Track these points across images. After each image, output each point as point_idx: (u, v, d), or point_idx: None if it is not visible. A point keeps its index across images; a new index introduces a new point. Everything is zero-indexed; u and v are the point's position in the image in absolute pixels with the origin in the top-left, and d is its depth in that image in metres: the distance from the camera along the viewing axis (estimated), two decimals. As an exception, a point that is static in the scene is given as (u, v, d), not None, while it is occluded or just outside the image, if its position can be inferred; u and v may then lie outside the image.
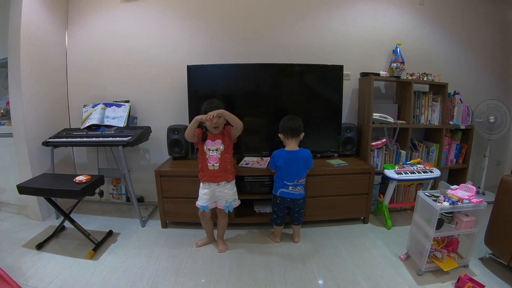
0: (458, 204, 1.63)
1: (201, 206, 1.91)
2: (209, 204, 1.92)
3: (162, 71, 2.68)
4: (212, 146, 1.86)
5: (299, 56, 2.65)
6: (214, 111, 1.74)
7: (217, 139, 1.87)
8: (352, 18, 2.70)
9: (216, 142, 1.86)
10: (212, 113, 1.73)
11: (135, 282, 1.67)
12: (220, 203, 1.94)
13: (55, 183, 2.02)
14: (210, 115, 1.73)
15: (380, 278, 1.71)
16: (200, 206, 1.92)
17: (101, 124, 2.50)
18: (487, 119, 2.68)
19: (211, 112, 1.74)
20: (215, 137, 1.87)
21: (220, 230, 2.05)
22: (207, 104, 1.85)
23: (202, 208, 1.91)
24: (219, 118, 1.81)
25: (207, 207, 1.91)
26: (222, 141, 1.87)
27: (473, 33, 2.88)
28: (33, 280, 1.66)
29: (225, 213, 1.98)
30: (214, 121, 1.79)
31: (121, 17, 2.63)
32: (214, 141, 1.86)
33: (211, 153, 1.86)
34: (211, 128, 1.83)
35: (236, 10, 2.62)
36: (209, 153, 1.86)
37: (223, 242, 2.06)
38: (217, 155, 1.86)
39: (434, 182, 2.59)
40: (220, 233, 2.06)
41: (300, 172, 1.97)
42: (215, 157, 1.86)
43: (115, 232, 2.23)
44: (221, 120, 1.83)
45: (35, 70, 2.36)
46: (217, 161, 1.86)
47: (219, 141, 1.86)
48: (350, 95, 2.77)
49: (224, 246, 2.02)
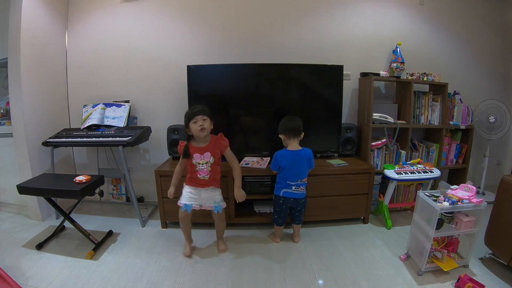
0: (458, 204, 1.63)
1: (184, 205, 1.82)
2: (193, 205, 1.84)
3: (162, 71, 2.68)
4: (201, 160, 1.77)
5: (299, 56, 2.65)
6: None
7: (206, 152, 1.77)
8: (352, 18, 2.70)
9: (205, 155, 1.77)
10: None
11: (135, 282, 1.67)
12: (209, 203, 1.86)
13: (55, 183, 2.02)
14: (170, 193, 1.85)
15: (380, 278, 1.71)
16: (182, 205, 1.83)
17: (101, 124, 2.50)
18: (487, 119, 2.68)
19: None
20: (203, 150, 1.78)
21: (219, 232, 2.03)
22: (190, 110, 1.77)
23: (184, 207, 1.81)
24: (205, 121, 1.74)
25: (190, 207, 1.82)
26: (212, 153, 1.79)
27: (473, 33, 2.88)
28: (33, 280, 1.66)
29: (223, 216, 1.93)
30: (200, 123, 1.71)
31: (121, 17, 2.63)
32: (203, 154, 1.77)
33: (200, 167, 1.78)
34: (197, 132, 1.73)
35: (237, 10, 2.62)
36: (198, 166, 1.78)
37: (224, 241, 2.05)
38: (207, 168, 1.79)
39: (434, 182, 2.59)
40: (220, 234, 2.04)
41: (303, 171, 1.97)
42: (206, 170, 1.79)
43: (115, 232, 2.23)
44: (207, 123, 1.74)
45: (35, 70, 2.36)
46: (207, 173, 1.80)
47: (208, 154, 1.77)
48: (350, 95, 2.77)
49: (224, 246, 2.01)
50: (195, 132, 1.75)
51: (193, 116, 1.73)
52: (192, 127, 1.74)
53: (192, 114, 1.73)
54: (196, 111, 1.74)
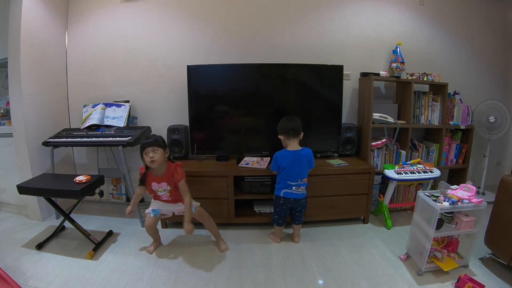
0: (458, 204, 1.63)
1: (152, 210, 1.84)
2: (161, 210, 1.86)
3: (162, 71, 2.68)
4: (159, 188, 1.78)
5: (299, 56, 2.65)
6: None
7: (163, 182, 1.77)
8: (352, 18, 2.70)
9: (161, 184, 1.77)
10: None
11: (135, 282, 1.67)
12: (180, 208, 1.86)
13: (55, 183, 2.02)
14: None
15: (380, 278, 1.71)
16: (151, 211, 1.85)
17: (101, 124, 2.50)
18: (487, 119, 2.68)
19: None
20: (159, 180, 1.77)
21: (212, 231, 2.03)
22: (143, 140, 1.74)
23: (153, 212, 1.83)
24: (155, 152, 1.70)
25: (158, 212, 1.85)
26: (168, 183, 1.77)
27: (473, 33, 2.88)
28: (33, 280, 1.66)
29: (203, 212, 1.94)
30: (150, 155, 1.69)
31: (121, 17, 2.63)
32: (160, 184, 1.77)
33: (160, 193, 1.80)
34: (148, 163, 1.72)
35: (237, 10, 2.62)
36: (158, 192, 1.81)
37: (223, 240, 2.04)
38: (166, 193, 1.80)
39: (434, 182, 2.59)
40: (214, 232, 2.03)
41: (303, 171, 1.97)
42: (165, 195, 1.81)
43: (115, 232, 2.23)
44: (157, 154, 1.70)
45: (35, 70, 2.36)
46: (168, 198, 1.82)
47: (164, 184, 1.77)
48: (350, 95, 2.77)
49: (225, 245, 2.01)
50: (146, 163, 1.74)
51: (143, 148, 1.71)
52: (144, 159, 1.72)
53: (142, 145, 1.71)
54: (146, 142, 1.71)
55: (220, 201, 2.23)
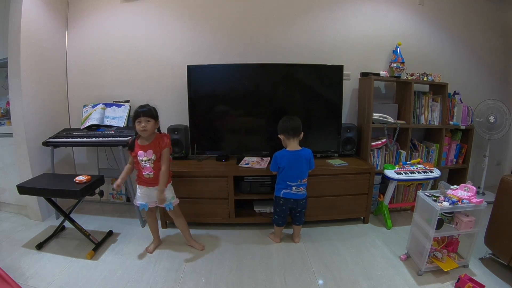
0: (458, 204, 1.63)
1: (140, 205, 1.89)
2: (148, 203, 1.88)
3: (162, 71, 2.68)
4: (144, 157, 1.79)
5: (299, 56, 2.65)
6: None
7: (149, 150, 1.79)
8: (352, 18, 2.70)
9: (148, 152, 1.79)
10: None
11: (135, 282, 1.67)
12: (160, 203, 1.88)
13: (55, 183, 2.02)
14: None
15: (380, 278, 1.71)
16: (139, 204, 1.89)
17: (101, 124, 2.50)
18: (487, 119, 2.68)
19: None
20: (146, 148, 1.80)
21: (183, 231, 2.03)
22: (137, 108, 1.78)
23: (141, 206, 1.89)
24: (148, 122, 1.75)
25: (146, 206, 1.88)
26: (154, 151, 1.80)
27: (473, 33, 2.88)
28: (33, 280, 1.66)
29: (178, 212, 1.96)
30: (143, 124, 1.74)
31: (121, 17, 2.63)
32: (146, 152, 1.79)
33: (144, 163, 1.81)
34: (139, 132, 1.77)
35: (237, 10, 2.62)
36: (142, 163, 1.81)
37: (194, 240, 2.05)
38: (150, 165, 1.81)
39: (434, 182, 2.59)
40: (185, 233, 2.03)
41: (303, 172, 1.97)
42: (149, 167, 1.81)
43: (115, 232, 2.23)
44: (149, 125, 1.76)
45: (35, 70, 2.36)
46: (151, 170, 1.81)
47: (150, 151, 1.79)
48: (350, 95, 2.77)
49: (199, 244, 2.02)
50: (137, 131, 1.79)
51: (136, 117, 1.75)
52: (135, 126, 1.77)
53: (136, 114, 1.76)
54: (141, 111, 1.75)
55: (220, 201, 2.23)
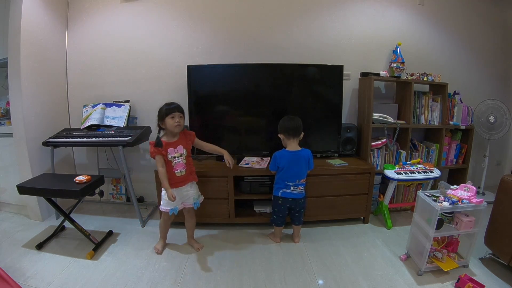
0: (458, 204, 1.63)
1: (170, 210, 1.87)
2: (178, 206, 1.90)
3: (162, 71, 2.68)
4: (176, 153, 1.83)
5: (299, 56, 2.65)
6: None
7: (179, 145, 1.84)
8: (352, 18, 2.69)
9: (178, 148, 1.84)
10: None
11: (135, 282, 1.67)
12: (188, 202, 1.93)
13: (55, 183, 2.02)
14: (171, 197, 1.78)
15: (380, 278, 1.71)
16: (168, 210, 1.87)
17: (101, 124, 2.50)
18: (487, 119, 2.68)
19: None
20: (175, 144, 1.84)
21: (190, 230, 2.05)
22: (167, 105, 1.82)
23: (171, 211, 1.87)
24: (181, 117, 1.82)
25: (176, 210, 1.88)
26: (184, 145, 1.86)
27: (473, 33, 2.88)
28: (33, 280, 1.66)
29: (193, 212, 1.99)
30: (177, 119, 1.79)
31: (121, 17, 2.63)
32: (176, 148, 1.83)
33: (176, 160, 1.83)
34: (172, 127, 1.79)
35: (237, 10, 2.62)
36: (174, 160, 1.83)
37: (195, 240, 2.07)
38: (182, 161, 1.85)
39: (434, 182, 2.59)
40: (190, 232, 2.06)
41: (302, 172, 1.97)
42: (181, 163, 1.85)
43: (115, 232, 2.23)
44: (182, 120, 1.84)
45: (35, 70, 2.36)
46: (183, 166, 1.85)
47: (180, 147, 1.84)
48: (350, 95, 2.77)
49: (199, 244, 2.04)
50: (170, 127, 1.80)
51: (171, 112, 1.79)
52: (168, 122, 1.79)
53: (171, 109, 1.80)
54: (175, 107, 1.82)
55: (220, 201, 2.23)
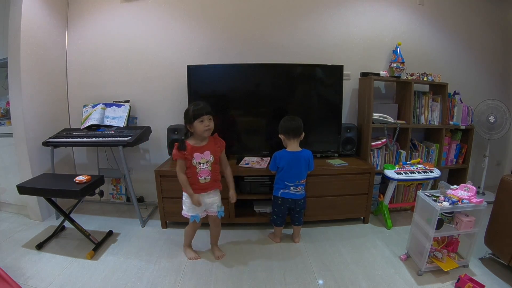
0: (458, 204, 1.63)
1: (191, 216, 1.78)
2: (200, 213, 1.80)
3: (162, 71, 2.68)
4: (202, 159, 1.71)
5: (299, 56, 2.65)
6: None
7: (206, 151, 1.72)
8: (352, 18, 2.70)
9: (205, 154, 1.72)
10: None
11: (135, 282, 1.67)
12: (212, 210, 1.83)
13: (55, 183, 2.02)
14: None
15: (380, 278, 1.71)
16: (190, 216, 1.78)
17: (101, 124, 2.50)
18: (487, 119, 2.68)
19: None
20: (203, 149, 1.72)
21: (214, 238, 1.97)
22: (195, 107, 1.69)
23: (192, 218, 1.78)
24: (210, 121, 1.70)
25: (197, 217, 1.78)
26: (212, 152, 1.74)
27: (473, 33, 2.88)
28: (33, 280, 1.66)
29: (219, 220, 1.90)
30: (206, 122, 1.67)
31: (121, 17, 2.63)
32: (203, 153, 1.72)
33: (201, 167, 1.72)
34: (202, 132, 1.68)
35: (237, 10, 2.62)
36: (199, 166, 1.71)
37: (219, 248, 1.99)
38: (208, 168, 1.73)
39: (434, 182, 2.59)
40: (215, 240, 1.98)
41: (302, 172, 1.97)
42: (206, 170, 1.73)
43: (115, 232, 2.23)
44: (212, 123, 1.71)
45: (35, 70, 2.36)
46: (208, 173, 1.74)
47: (208, 153, 1.73)
48: (350, 95, 2.77)
49: (221, 252, 1.94)
50: (199, 132, 1.69)
51: (199, 115, 1.66)
52: (197, 126, 1.67)
53: (200, 113, 1.66)
54: (202, 108, 1.68)
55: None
